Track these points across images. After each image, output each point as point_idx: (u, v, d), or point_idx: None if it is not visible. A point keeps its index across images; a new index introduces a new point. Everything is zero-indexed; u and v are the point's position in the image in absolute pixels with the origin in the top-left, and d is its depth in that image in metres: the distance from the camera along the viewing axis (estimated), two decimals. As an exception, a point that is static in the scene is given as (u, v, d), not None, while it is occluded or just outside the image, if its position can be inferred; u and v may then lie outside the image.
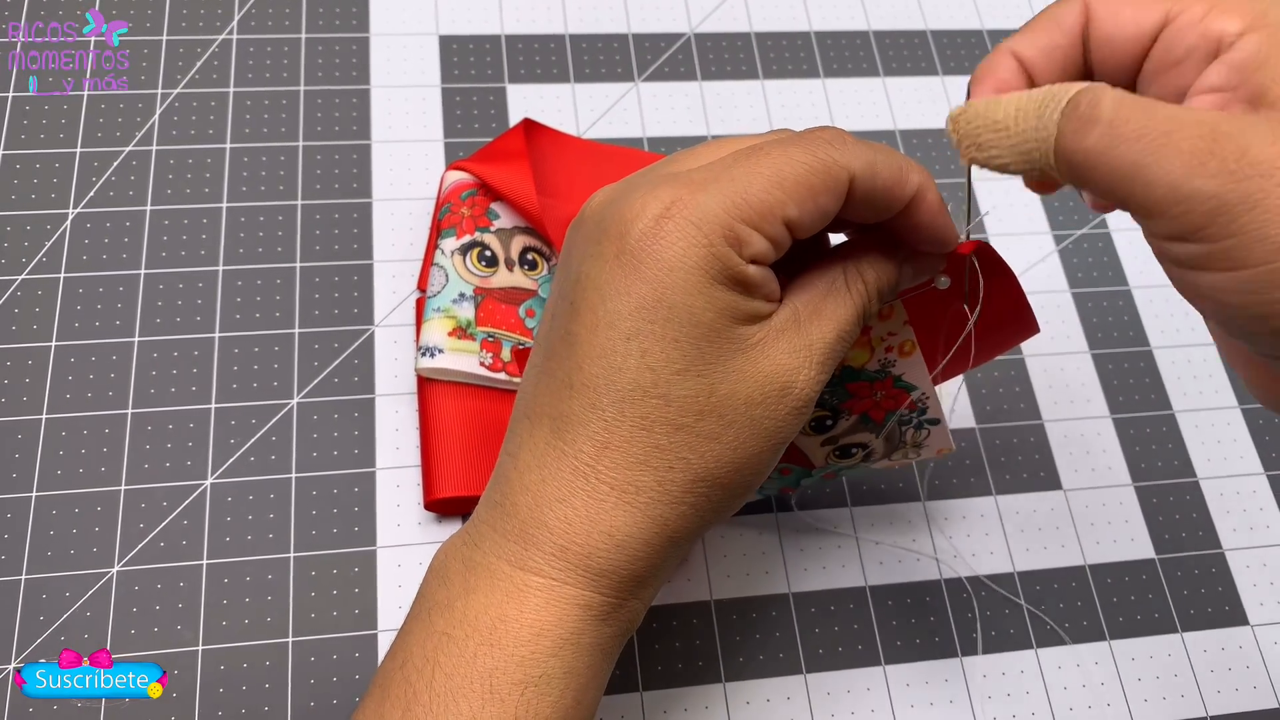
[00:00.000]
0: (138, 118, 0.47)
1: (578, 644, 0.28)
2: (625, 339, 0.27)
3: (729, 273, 0.27)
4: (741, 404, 0.28)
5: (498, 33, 0.51)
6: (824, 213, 0.28)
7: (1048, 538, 0.43)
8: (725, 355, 0.27)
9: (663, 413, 0.27)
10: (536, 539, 0.28)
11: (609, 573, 0.28)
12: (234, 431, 0.41)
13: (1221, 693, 0.41)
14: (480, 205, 0.44)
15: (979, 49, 0.54)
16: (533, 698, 0.27)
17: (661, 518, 0.28)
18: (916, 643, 0.41)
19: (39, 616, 0.38)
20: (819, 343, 0.29)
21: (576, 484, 0.28)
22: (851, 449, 0.36)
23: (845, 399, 0.34)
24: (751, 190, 0.27)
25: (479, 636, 0.28)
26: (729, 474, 0.28)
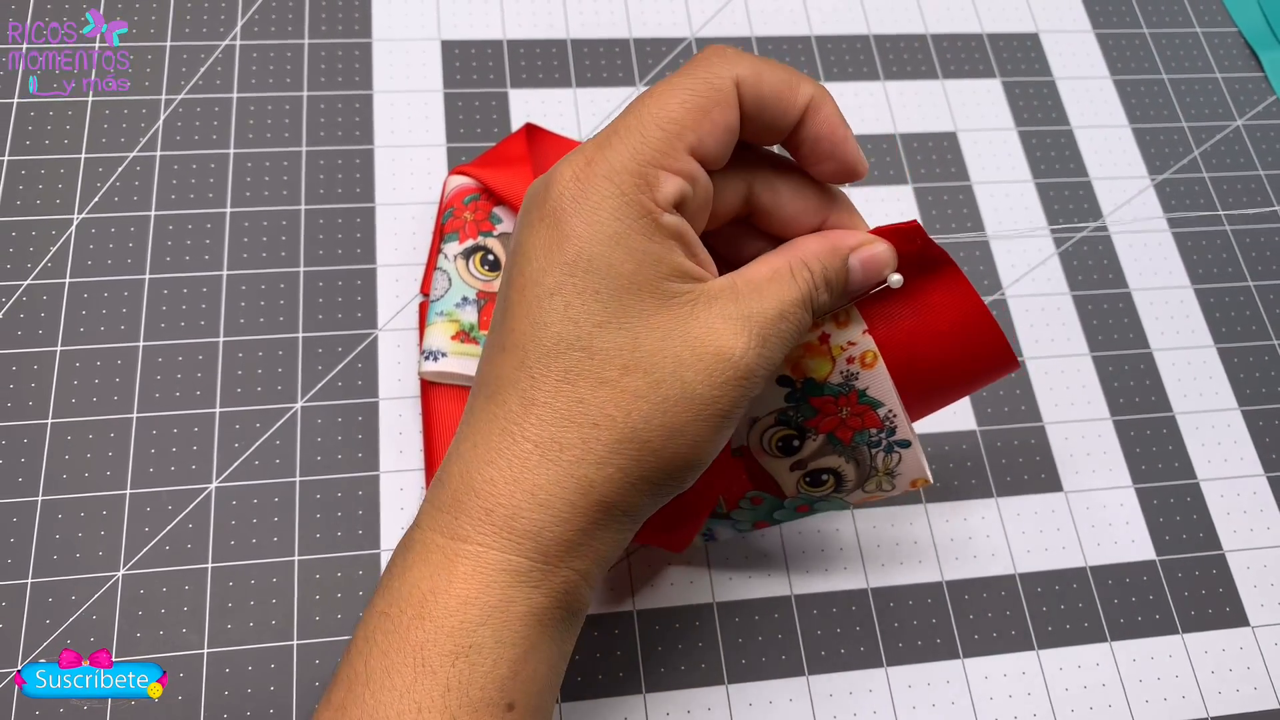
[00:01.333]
0: (141, 124, 0.47)
1: (507, 612, 0.28)
2: (549, 295, 0.28)
3: (645, 220, 0.27)
4: (670, 362, 0.27)
5: (500, 38, 0.51)
6: (724, 128, 0.29)
7: (1049, 539, 0.44)
8: (649, 309, 0.27)
9: (586, 366, 0.27)
10: (465, 505, 0.28)
11: (533, 534, 0.28)
12: (238, 435, 0.42)
13: (1222, 694, 0.41)
14: (483, 210, 0.44)
15: (979, 52, 0.54)
16: (464, 668, 0.27)
17: (586, 478, 0.28)
18: (918, 644, 0.41)
19: (45, 620, 0.38)
20: (758, 315, 0.28)
21: (504, 444, 0.28)
22: (822, 475, 0.35)
23: (810, 415, 0.33)
24: (647, 131, 0.28)
25: (411, 610, 0.28)
26: (659, 438, 0.27)
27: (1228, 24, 0.57)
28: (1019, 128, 0.53)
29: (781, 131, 0.30)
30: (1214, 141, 0.54)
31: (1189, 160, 0.53)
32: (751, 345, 0.28)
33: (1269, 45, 0.56)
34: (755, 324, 0.28)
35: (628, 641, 0.40)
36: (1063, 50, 0.55)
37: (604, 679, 0.39)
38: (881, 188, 0.50)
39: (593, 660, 0.39)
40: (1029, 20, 0.56)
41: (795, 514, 0.37)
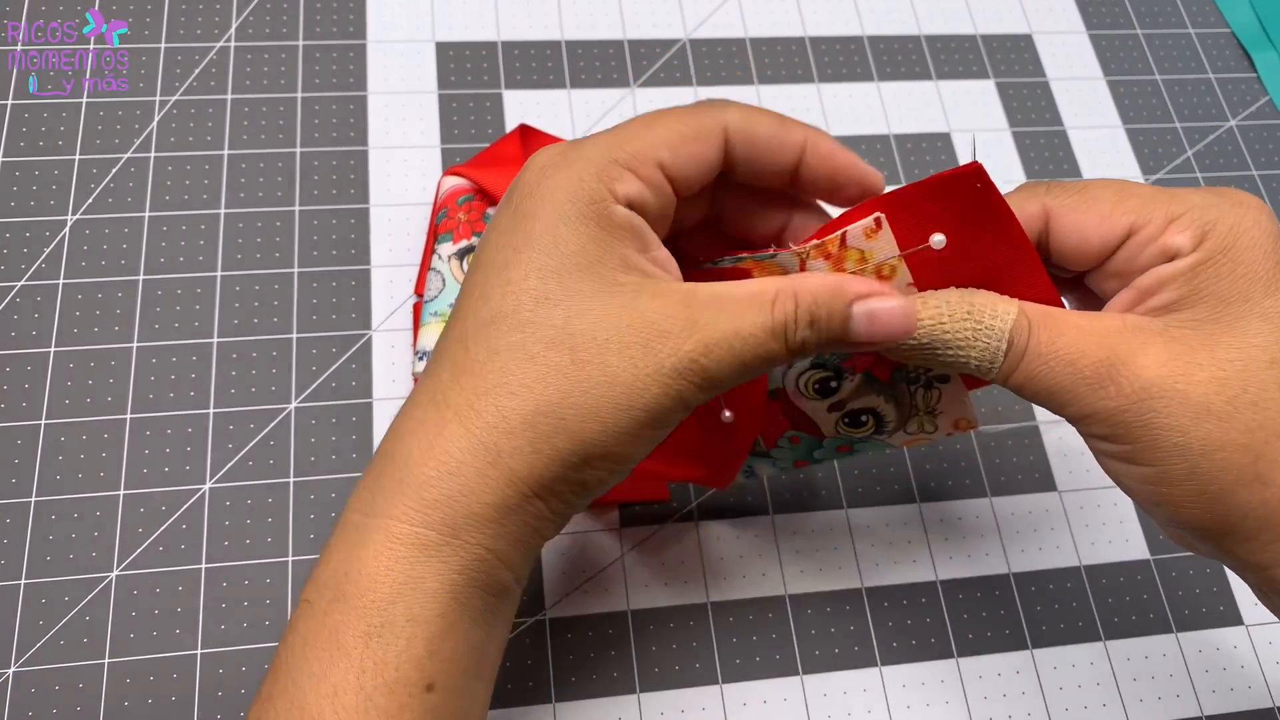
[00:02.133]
0: (136, 124, 0.47)
1: (419, 588, 0.27)
2: (496, 271, 0.28)
3: (596, 206, 0.28)
4: (596, 345, 0.27)
5: (494, 39, 0.51)
6: (700, 160, 0.29)
7: (1043, 539, 0.44)
8: (587, 290, 0.27)
9: (515, 338, 0.27)
10: (382, 478, 0.28)
11: (442, 503, 0.27)
12: (232, 436, 0.42)
13: (1216, 692, 0.41)
14: (477, 210, 0.44)
15: (973, 54, 0.54)
16: (377, 648, 0.27)
17: (495, 445, 0.27)
18: (913, 644, 0.41)
19: (38, 621, 0.38)
20: (707, 325, 0.27)
21: (428, 414, 0.28)
22: (861, 416, 0.34)
23: (846, 356, 0.33)
24: (625, 138, 0.29)
25: (329, 594, 0.28)
26: (575, 417, 0.27)
27: (1220, 25, 0.57)
28: (1013, 128, 0.53)
29: (780, 172, 0.31)
30: (1207, 142, 0.54)
31: (1182, 161, 0.53)
32: (685, 347, 0.27)
33: (1262, 46, 0.57)
34: (699, 330, 0.27)
35: (622, 641, 0.40)
36: (1056, 51, 0.55)
37: (598, 679, 0.39)
38: (875, 188, 0.50)
39: (587, 660, 0.39)
40: (1022, 21, 0.56)
41: (836, 453, 0.37)
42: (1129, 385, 0.27)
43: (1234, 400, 0.26)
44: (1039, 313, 0.29)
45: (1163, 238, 0.28)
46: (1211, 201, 0.28)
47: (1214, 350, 0.27)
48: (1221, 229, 0.28)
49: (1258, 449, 0.26)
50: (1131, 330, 0.28)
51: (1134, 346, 0.27)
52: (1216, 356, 0.27)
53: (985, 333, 0.29)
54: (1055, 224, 0.30)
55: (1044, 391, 0.29)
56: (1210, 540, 0.28)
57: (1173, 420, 0.27)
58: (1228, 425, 0.26)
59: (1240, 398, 0.26)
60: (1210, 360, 0.27)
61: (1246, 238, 0.27)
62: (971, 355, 0.29)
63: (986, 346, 0.29)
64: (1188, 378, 0.27)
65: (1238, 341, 0.27)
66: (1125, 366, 0.27)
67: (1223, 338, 0.27)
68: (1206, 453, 0.27)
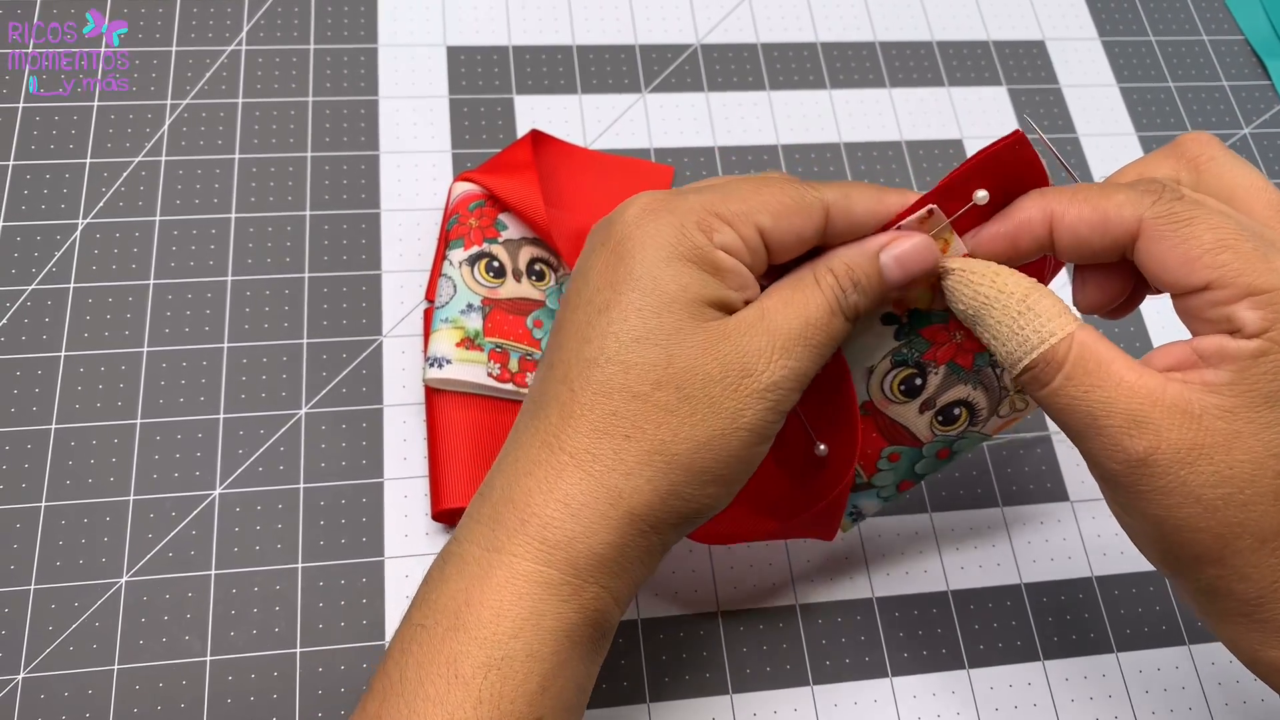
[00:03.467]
0: (147, 128, 0.47)
1: (538, 625, 0.28)
2: (598, 313, 0.29)
3: (696, 251, 0.29)
4: (700, 380, 0.28)
5: (505, 44, 0.51)
6: (797, 233, 0.30)
7: (1054, 549, 0.43)
8: (686, 329, 0.28)
9: (621, 380, 0.28)
10: (503, 517, 0.29)
11: (564, 544, 0.28)
12: (242, 441, 0.41)
13: (1229, 705, 0.41)
14: (488, 216, 0.44)
15: (985, 59, 0.54)
16: (495, 680, 0.27)
17: (616, 488, 0.28)
18: (924, 654, 0.41)
19: (48, 626, 0.38)
20: (782, 329, 0.29)
21: (542, 455, 0.29)
22: (954, 409, 0.35)
23: (924, 348, 0.33)
24: (730, 195, 0.30)
25: (446, 622, 0.28)
26: (687, 451, 0.28)
27: (1234, 32, 0.57)
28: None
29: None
30: (1221, 150, 0.53)
31: (1196, 168, 0.53)
32: (774, 359, 0.29)
33: (1276, 53, 0.56)
34: (779, 338, 0.29)
35: (632, 651, 0.40)
36: (1069, 58, 0.55)
37: (608, 688, 0.39)
38: (887, 195, 0.50)
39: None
40: (1035, 28, 0.56)
41: (937, 461, 0.36)
42: (1135, 455, 0.27)
43: (1227, 498, 0.26)
44: (1088, 354, 0.28)
45: (1233, 307, 0.27)
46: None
47: (1231, 450, 0.26)
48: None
49: (1228, 539, 0.27)
50: (1166, 405, 0.27)
51: (1160, 419, 0.27)
52: (1231, 456, 0.26)
53: (1018, 338, 0.29)
54: (1143, 242, 0.28)
55: (1058, 420, 0.29)
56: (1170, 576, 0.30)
57: (1162, 498, 0.27)
58: (1210, 515, 0.27)
59: (1234, 497, 0.26)
60: (1224, 459, 0.26)
61: None
62: (997, 348, 0.29)
63: (1011, 352, 0.29)
64: (1193, 467, 0.26)
65: (1258, 447, 0.26)
66: (1142, 437, 0.27)
67: (1246, 440, 0.26)
68: (1180, 530, 0.27)
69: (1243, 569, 0.27)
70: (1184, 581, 0.29)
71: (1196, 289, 0.27)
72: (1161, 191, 0.28)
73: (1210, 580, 0.28)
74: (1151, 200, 0.28)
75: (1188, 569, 0.28)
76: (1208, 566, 0.28)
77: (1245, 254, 0.27)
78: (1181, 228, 0.27)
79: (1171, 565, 0.29)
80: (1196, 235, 0.27)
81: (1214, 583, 0.28)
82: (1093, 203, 0.29)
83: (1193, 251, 0.27)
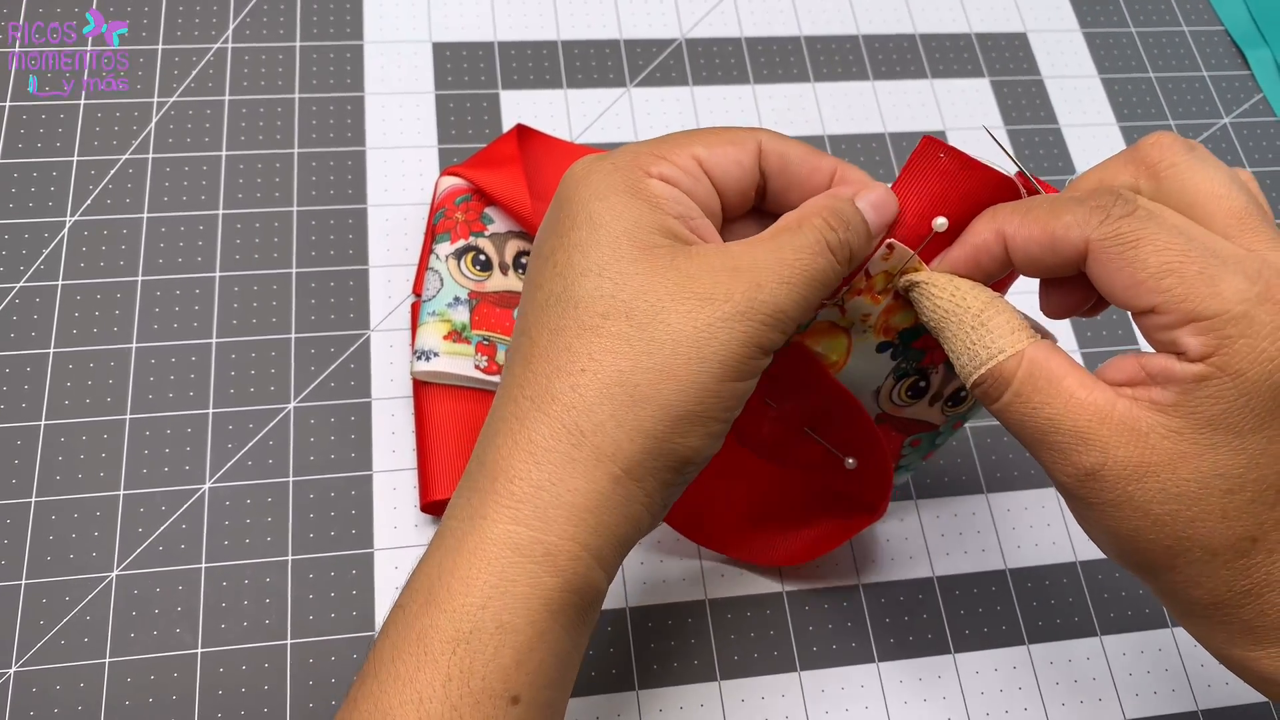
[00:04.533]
0: (134, 126, 0.47)
1: (508, 592, 0.26)
2: (544, 260, 0.29)
3: (629, 183, 0.29)
4: (651, 305, 0.27)
5: (491, 39, 0.52)
6: (736, 163, 0.30)
7: (1039, 534, 0.44)
8: (628, 255, 0.28)
9: (572, 316, 0.28)
10: (476, 481, 0.28)
11: (530, 495, 0.27)
12: (231, 436, 0.42)
13: (1212, 687, 0.42)
14: (474, 210, 0.44)
15: (967, 52, 0.55)
16: (464, 655, 0.26)
17: (576, 425, 0.27)
18: (910, 639, 0.41)
19: (39, 621, 0.38)
20: (750, 264, 0.28)
21: (507, 409, 0.28)
22: (960, 393, 0.36)
23: (919, 357, 0.34)
24: (664, 138, 0.31)
25: (420, 598, 0.27)
26: (650, 381, 0.27)
27: (1214, 23, 0.58)
28: (1008, 126, 0.53)
29: (812, 194, 0.31)
30: (1201, 139, 0.54)
31: (1176, 158, 0.53)
32: (738, 288, 0.27)
33: (1255, 43, 0.57)
34: (744, 270, 0.28)
35: (620, 639, 0.40)
36: (1051, 49, 0.56)
37: (596, 676, 0.39)
38: (871, 187, 0.50)
39: (586, 657, 0.39)
40: (1017, 20, 0.56)
41: (953, 431, 0.38)
42: (1083, 469, 0.27)
43: (1174, 514, 0.27)
44: (1039, 372, 0.28)
45: (1177, 332, 0.26)
46: (1245, 311, 0.25)
47: (1177, 469, 0.26)
48: (1239, 349, 0.25)
49: (1177, 551, 0.27)
50: (1114, 423, 0.27)
51: (1105, 440, 0.27)
52: (1177, 474, 0.26)
53: (969, 353, 0.29)
54: (1091, 263, 0.27)
55: (1011, 431, 0.29)
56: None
57: (1112, 510, 0.27)
58: (1159, 529, 0.27)
59: (1181, 514, 0.26)
60: (1169, 476, 0.26)
61: (1260, 369, 0.25)
62: (953, 360, 0.30)
63: (964, 365, 0.29)
64: (1140, 484, 0.26)
65: (1204, 467, 0.26)
66: (1091, 452, 0.27)
67: (1191, 460, 0.26)
68: (1131, 539, 0.27)
69: (1195, 577, 0.27)
70: (1146, 583, 0.30)
71: (1143, 311, 0.27)
72: (1110, 209, 0.27)
73: (1167, 585, 0.28)
74: (1099, 220, 0.27)
75: (1145, 574, 0.29)
76: (1162, 574, 0.28)
77: (1190, 278, 0.26)
78: (1127, 250, 0.26)
79: (1131, 569, 0.29)
80: (1142, 259, 0.26)
81: (1171, 587, 0.28)
82: (1041, 223, 0.28)
83: (1138, 275, 0.26)
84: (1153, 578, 0.29)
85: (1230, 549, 0.27)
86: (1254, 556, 0.27)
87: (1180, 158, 0.28)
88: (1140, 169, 0.29)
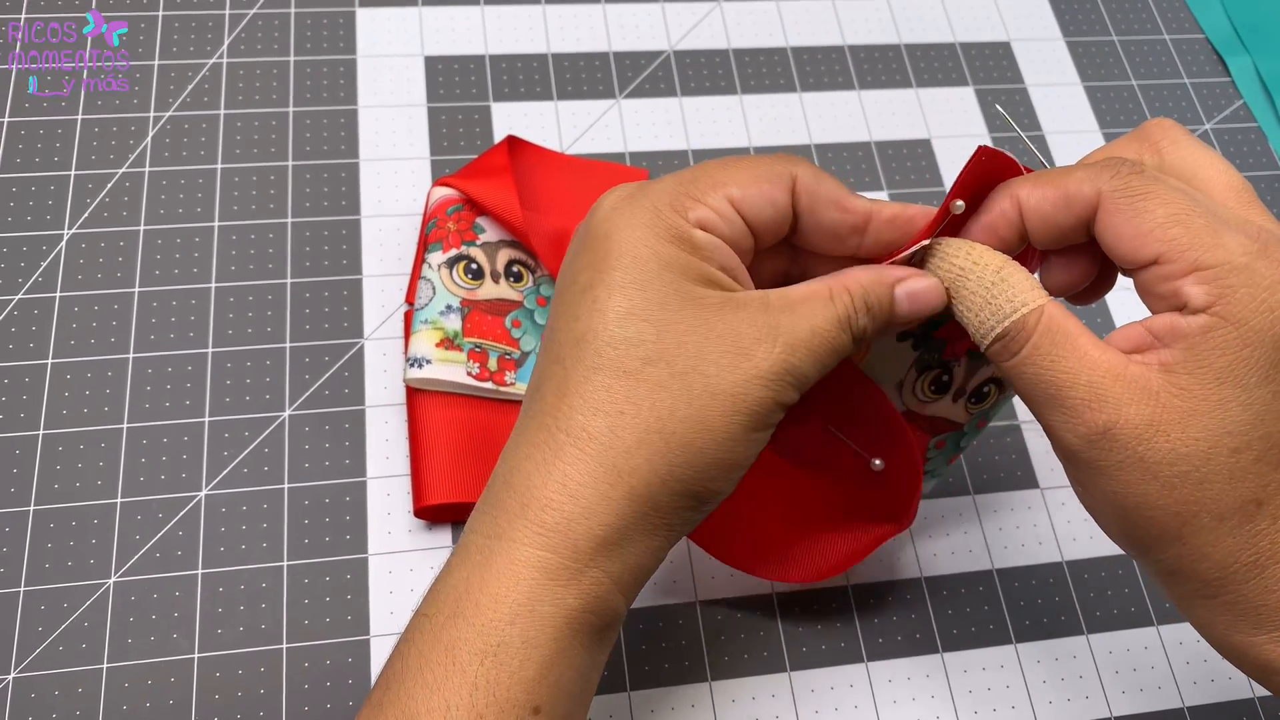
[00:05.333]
0: (130, 140, 0.48)
1: (534, 611, 0.28)
2: (582, 291, 0.29)
3: (672, 230, 0.29)
4: (691, 356, 0.28)
5: (482, 53, 0.52)
6: (769, 200, 0.30)
7: (1025, 534, 0.44)
8: (673, 304, 0.29)
9: (610, 356, 0.28)
10: (504, 502, 0.29)
11: (563, 527, 0.28)
12: (227, 444, 0.42)
13: (1197, 684, 0.42)
14: (466, 220, 0.45)
15: (951, 60, 0.55)
16: (491, 667, 0.27)
17: (614, 466, 0.28)
18: (898, 639, 0.42)
19: (37, 627, 0.39)
20: (786, 326, 0.29)
21: (539, 437, 0.29)
22: (983, 388, 0.36)
23: (941, 348, 0.34)
24: (695, 174, 0.31)
25: (447, 610, 0.28)
26: (685, 429, 0.28)
27: (1195, 30, 0.59)
28: (992, 134, 0.54)
29: (843, 238, 0.32)
30: (1183, 145, 0.55)
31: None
32: (775, 350, 0.29)
33: (1235, 51, 0.58)
34: (783, 333, 0.29)
35: (612, 640, 0.41)
36: (1034, 58, 0.56)
37: (589, 678, 0.40)
38: (857, 194, 0.51)
39: (578, 659, 0.40)
40: (1000, 29, 0.57)
41: (976, 430, 0.38)
42: (1095, 428, 0.28)
43: (1184, 475, 0.27)
44: (1056, 327, 0.29)
45: (1180, 282, 0.27)
46: (1247, 264, 0.27)
47: (1186, 428, 0.27)
48: (1241, 298, 0.26)
49: (1186, 517, 0.27)
50: (1127, 381, 0.27)
51: (1119, 395, 0.27)
52: (1187, 433, 0.27)
53: (990, 307, 0.30)
54: (1101, 215, 0.29)
55: (1022, 392, 0.30)
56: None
57: (1120, 474, 0.28)
58: (1167, 493, 0.27)
59: (1190, 475, 0.27)
60: (1179, 435, 0.27)
61: (1262, 318, 0.26)
62: (970, 319, 0.30)
63: (984, 321, 0.30)
64: (1150, 443, 0.27)
65: (1213, 425, 0.27)
66: (1101, 412, 0.27)
67: (1201, 418, 0.27)
68: (1139, 508, 0.28)
69: (1202, 548, 0.28)
70: (1149, 563, 0.30)
71: (1147, 263, 0.28)
72: (1119, 166, 0.29)
73: (1172, 561, 0.28)
74: (1110, 174, 0.28)
75: (1150, 549, 0.29)
76: (1168, 545, 0.28)
77: (1195, 229, 0.27)
78: (1136, 201, 0.28)
79: (1134, 545, 0.30)
80: (1150, 209, 0.28)
81: (1176, 563, 0.28)
82: (1054, 182, 0.29)
83: (1145, 225, 0.28)
84: (1159, 551, 0.29)
85: (1237, 512, 0.27)
86: (1259, 523, 0.27)
87: (1181, 136, 0.30)
88: (1144, 145, 0.31)
